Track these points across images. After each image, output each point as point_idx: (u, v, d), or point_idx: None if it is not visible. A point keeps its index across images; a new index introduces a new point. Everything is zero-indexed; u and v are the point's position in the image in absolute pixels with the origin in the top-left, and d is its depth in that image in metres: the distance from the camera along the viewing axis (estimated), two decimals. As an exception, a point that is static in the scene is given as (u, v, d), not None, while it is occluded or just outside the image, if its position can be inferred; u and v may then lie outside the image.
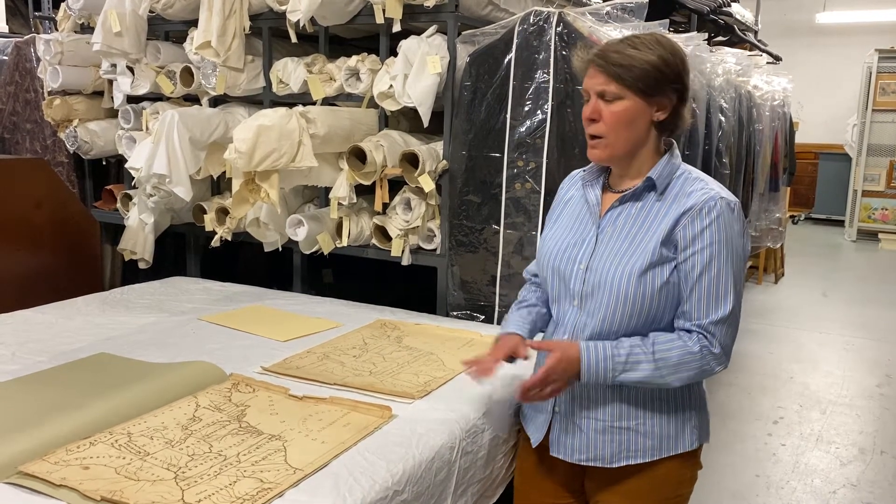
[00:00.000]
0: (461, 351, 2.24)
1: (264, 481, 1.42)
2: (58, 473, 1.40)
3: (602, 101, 1.51)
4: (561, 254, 1.63)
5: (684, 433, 1.61)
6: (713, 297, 1.49)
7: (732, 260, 1.50)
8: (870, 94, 9.29)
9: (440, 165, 2.71)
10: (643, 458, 1.59)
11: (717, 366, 1.51)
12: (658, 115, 1.52)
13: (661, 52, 1.49)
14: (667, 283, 1.51)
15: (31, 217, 3.10)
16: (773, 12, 9.35)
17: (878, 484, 3.19)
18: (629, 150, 1.55)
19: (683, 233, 1.50)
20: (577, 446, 1.64)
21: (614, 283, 1.52)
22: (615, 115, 1.51)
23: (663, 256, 1.51)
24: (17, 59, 3.81)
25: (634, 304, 1.52)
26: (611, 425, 1.60)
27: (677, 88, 1.52)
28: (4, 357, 2.10)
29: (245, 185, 2.65)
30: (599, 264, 1.56)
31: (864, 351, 5.07)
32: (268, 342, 2.30)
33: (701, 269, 1.49)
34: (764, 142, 4.99)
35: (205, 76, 3.07)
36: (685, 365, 1.50)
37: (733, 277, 1.50)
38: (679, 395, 1.60)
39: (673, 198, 1.54)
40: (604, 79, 1.50)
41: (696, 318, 1.50)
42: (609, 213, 1.59)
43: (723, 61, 4.11)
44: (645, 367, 1.50)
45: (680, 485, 1.66)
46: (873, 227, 9.44)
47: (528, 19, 2.53)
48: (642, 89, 1.49)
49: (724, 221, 1.49)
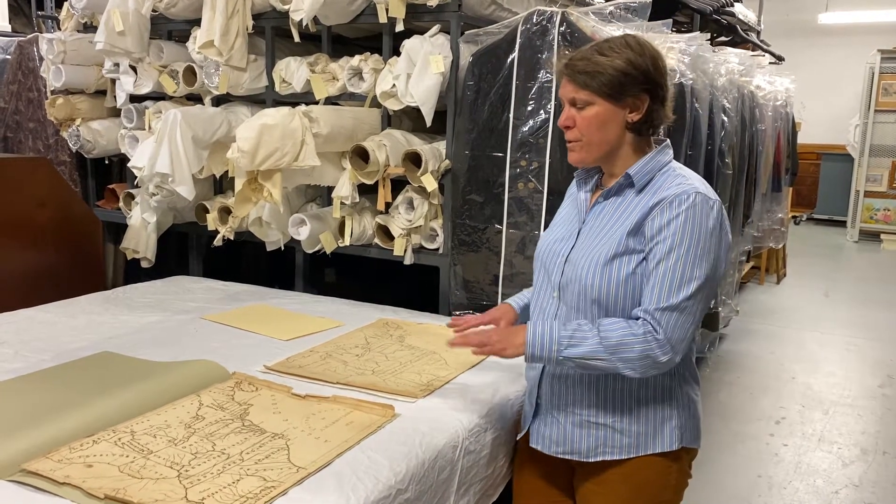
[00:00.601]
0: (463, 351, 2.24)
1: (267, 480, 1.42)
2: (61, 471, 1.41)
3: (574, 108, 1.57)
4: (549, 248, 1.69)
5: (663, 432, 1.61)
6: (666, 286, 1.48)
7: (697, 254, 1.48)
8: (872, 94, 9.28)
9: (443, 165, 2.71)
10: (620, 454, 1.61)
11: (661, 354, 1.48)
12: (632, 116, 1.55)
13: (628, 55, 1.52)
14: (632, 275, 1.53)
15: (33, 216, 3.10)
16: (775, 12, 9.34)
17: (881, 484, 3.19)
18: (606, 151, 1.59)
19: (651, 223, 1.52)
20: (554, 438, 1.67)
21: (582, 273, 1.57)
22: (587, 121, 1.56)
23: (629, 247, 1.53)
24: (20, 58, 3.82)
25: (599, 293, 1.55)
26: (587, 420, 1.63)
27: (647, 89, 1.54)
28: (7, 356, 2.10)
29: (248, 185, 2.65)
30: (575, 256, 1.61)
31: (866, 351, 5.07)
32: (270, 341, 2.30)
33: (660, 257, 1.50)
34: (766, 142, 4.98)
35: (208, 75, 3.07)
36: (627, 346, 1.49)
37: (693, 270, 1.48)
38: (657, 394, 1.61)
39: (652, 193, 1.56)
40: (573, 87, 1.55)
41: (646, 304, 1.51)
42: (593, 209, 1.64)
43: (725, 61, 4.11)
44: (590, 342, 1.51)
45: (663, 490, 1.65)
46: (875, 227, 9.43)
47: (532, 19, 2.53)
48: (609, 94, 1.53)
49: (694, 214, 1.49)
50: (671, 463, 1.64)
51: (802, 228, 10.23)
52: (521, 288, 2.57)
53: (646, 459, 1.61)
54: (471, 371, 2.07)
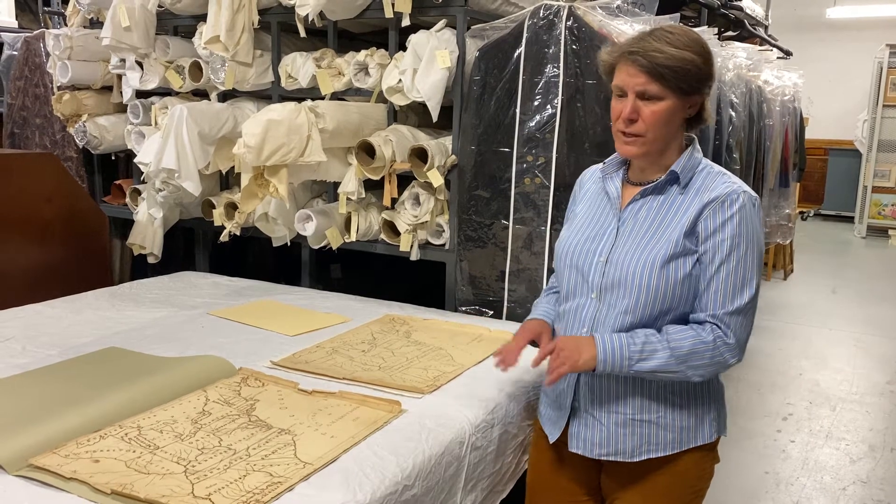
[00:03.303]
0: (470, 346, 2.24)
1: (274, 475, 1.41)
2: (68, 466, 1.41)
3: (641, 99, 1.50)
4: (580, 248, 1.62)
5: (704, 425, 1.61)
6: (730, 289, 1.49)
7: (752, 253, 1.50)
8: (880, 89, 9.22)
9: (449, 160, 2.71)
10: (664, 451, 1.59)
11: (731, 357, 1.51)
12: (690, 112, 1.54)
13: (699, 49, 1.49)
14: (689, 276, 1.51)
15: (40, 212, 3.11)
16: (783, 7, 9.29)
17: (889, 481, 3.17)
18: (662, 147, 1.55)
19: (705, 224, 1.51)
20: (597, 440, 1.63)
21: (636, 275, 1.52)
22: (655, 115, 1.50)
23: (686, 248, 1.51)
24: (26, 54, 3.82)
25: (656, 295, 1.52)
26: (632, 418, 1.59)
27: (711, 85, 1.53)
28: (15, 351, 2.10)
29: (254, 180, 2.64)
30: (620, 257, 1.55)
31: (873, 347, 5.05)
32: (277, 337, 2.30)
33: (720, 260, 1.49)
34: (774, 137, 4.96)
35: (213, 71, 3.07)
36: (698, 354, 1.49)
37: (752, 271, 1.50)
38: (698, 388, 1.60)
39: (696, 191, 1.54)
40: (645, 78, 1.48)
41: (712, 309, 1.50)
42: (630, 206, 1.59)
43: (733, 56, 4.09)
44: (660, 355, 1.49)
45: (699, 479, 1.65)
46: (883, 223, 9.39)
47: (538, 13, 2.52)
48: (684, 89, 1.49)
49: (745, 214, 1.50)
50: (708, 453, 1.64)
51: (810, 224, 10.19)
52: (528, 284, 2.58)
53: (686, 453, 1.60)
54: (477, 367, 2.06)
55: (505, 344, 1.73)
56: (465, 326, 2.43)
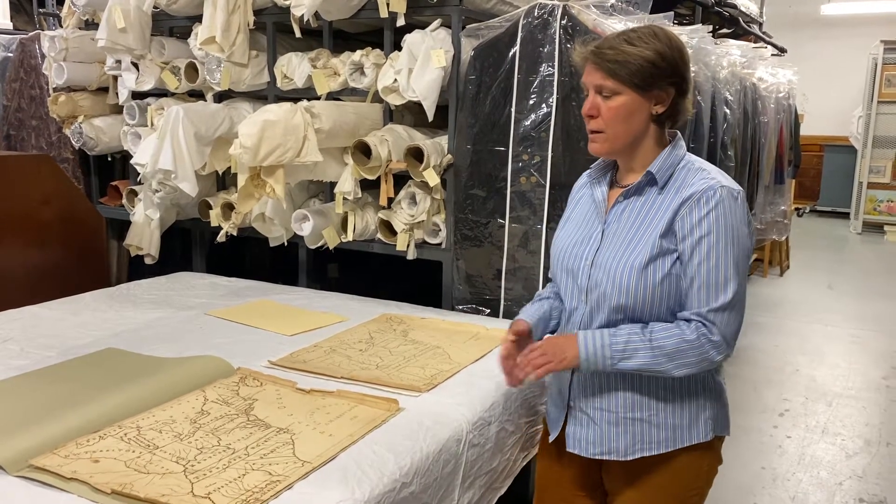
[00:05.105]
0: (467, 344, 2.25)
1: (273, 474, 1.42)
2: (68, 467, 1.42)
3: (600, 96, 1.54)
4: (569, 251, 1.65)
5: (698, 424, 1.61)
6: (713, 286, 1.49)
7: (733, 248, 1.50)
8: (875, 85, 9.25)
9: (445, 160, 2.71)
10: (657, 449, 1.60)
11: (717, 354, 1.50)
12: (657, 109, 1.54)
13: (656, 45, 1.50)
14: (668, 275, 1.52)
15: (37, 213, 3.11)
16: (777, 4, 9.29)
17: (884, 476, 3.19)
18: (629, 143, 1.57)
19: (682, 222, 1.51)
20: (591, 439, 1.64)
21: (616, 277, 1.54)
22: (612, 111, 1.53)
23: (664, 249, 1.52)
24: (21, 55, 3.82)
25: (637, 297, 1.53)
26: (624, 416, 1.60)
27: (674, 82, 1.53)
28: (13, 352, 2.11)
29: (250, 181, 2.65)
30: (604, 259, 1.57)
31: (869, 343, 5.07)
32: (274, 336, 2.30)
33: (700, 258, 1.49)
34: (769, 134, 4.97)
35: (209, 71, 3.07)
36: (681, 353, 1.49)
37: (734, 266, 1.49)
38: (692, 386, 1.60)
39: (675, 189, 1.55)
40: (600, 75, 1.52)
41: (696, 306, 1.50)
42: (614, 209, 1.61)
43: (728, 53, 4.10)
44: (643, 354, 1.50)
45: (696, 478, 1.65)
46: (879, 219, 9.42)
47: (533, 12, 2.53)
48: (638, 84, 1.51)
49: (724, 209, 1.49)
50: (704, 453, 1.63)
51: (805, 220, 10.21)
52: (524, 282, 2.59)
53: (681, 452, 1.60)
54: (474, 365, 2.07)
55: (501, 355, 1.68)
56: (462, 325, 2.44)
